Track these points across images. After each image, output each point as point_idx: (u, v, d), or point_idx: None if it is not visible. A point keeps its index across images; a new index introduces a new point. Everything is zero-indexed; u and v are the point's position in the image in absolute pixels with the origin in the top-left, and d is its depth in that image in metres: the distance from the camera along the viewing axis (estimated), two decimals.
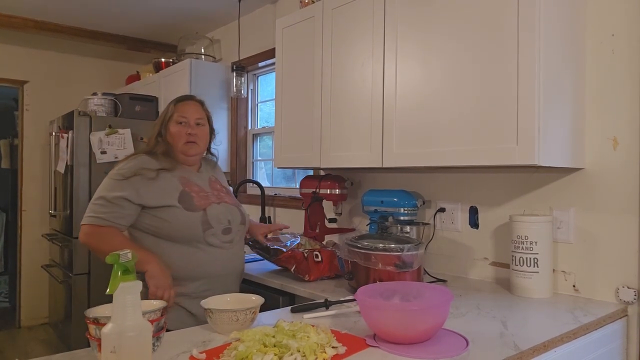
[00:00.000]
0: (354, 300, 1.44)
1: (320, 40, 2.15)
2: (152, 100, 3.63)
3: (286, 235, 2.16)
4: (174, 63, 3.72)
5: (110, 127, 3.25)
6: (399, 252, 1.62)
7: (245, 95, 3.36)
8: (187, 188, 1.68)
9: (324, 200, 2.39)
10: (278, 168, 2.51)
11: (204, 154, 1.86)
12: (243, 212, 1.81)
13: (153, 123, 1.82)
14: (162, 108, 3.03)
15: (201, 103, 1.82)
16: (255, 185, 3.09)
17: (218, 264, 1.66)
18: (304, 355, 0.99)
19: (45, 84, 4.38)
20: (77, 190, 3.18)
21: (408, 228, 2.00)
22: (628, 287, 1.54)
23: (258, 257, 2.19)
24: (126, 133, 3.27)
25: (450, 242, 2.05)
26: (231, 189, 1.99)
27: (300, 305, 1.46)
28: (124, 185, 1.59)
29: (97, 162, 3.18)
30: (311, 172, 2.72)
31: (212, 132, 1.84)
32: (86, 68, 4.59)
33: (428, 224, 2.10)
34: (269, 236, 2.06)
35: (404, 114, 1.78)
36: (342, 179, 2.34)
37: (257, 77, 3.48)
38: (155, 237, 1.62)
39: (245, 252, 1.87)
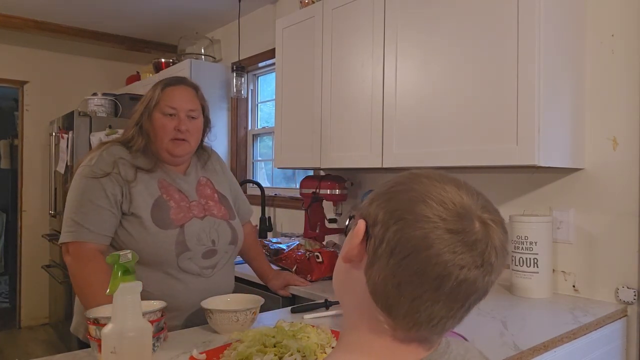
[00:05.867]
0: None
1: (320, 41, 2.15)
2: None
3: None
4: (174, 63, 3.72)
5: (110, 127, 3.25)
6: None
7: (245, 96, 3.36)
8: (166, 195, 1.35)
9: (324, 201, 2.39)
10: (278, 168, 2.51)
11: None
12: (235, 228, 1.46)
13: (134, 108, 1.43)
14: None
15: (195, 89, 1.44)
16: (255, 185, 3.09)
17: (191, 296, 1.33)
18: (304, 356, 0.99)
19: (45, 84, 4.37)
20: None
21: None
22: (628, 287, 1.54)
23: None
24: None
25: None
26: (237, 182, 1.65)
27: (300, 305, 1.46)
28: (106, 185, 1.29)
29: None
30: (311, 173, 2.72)
31: (207, 123, 1.48)
32: (86, 68, 4.58)
33: None
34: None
35: (404, 114, 1.78)
36: (342, 179, 2.34)
37: (257, 77, 3.48)
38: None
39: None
